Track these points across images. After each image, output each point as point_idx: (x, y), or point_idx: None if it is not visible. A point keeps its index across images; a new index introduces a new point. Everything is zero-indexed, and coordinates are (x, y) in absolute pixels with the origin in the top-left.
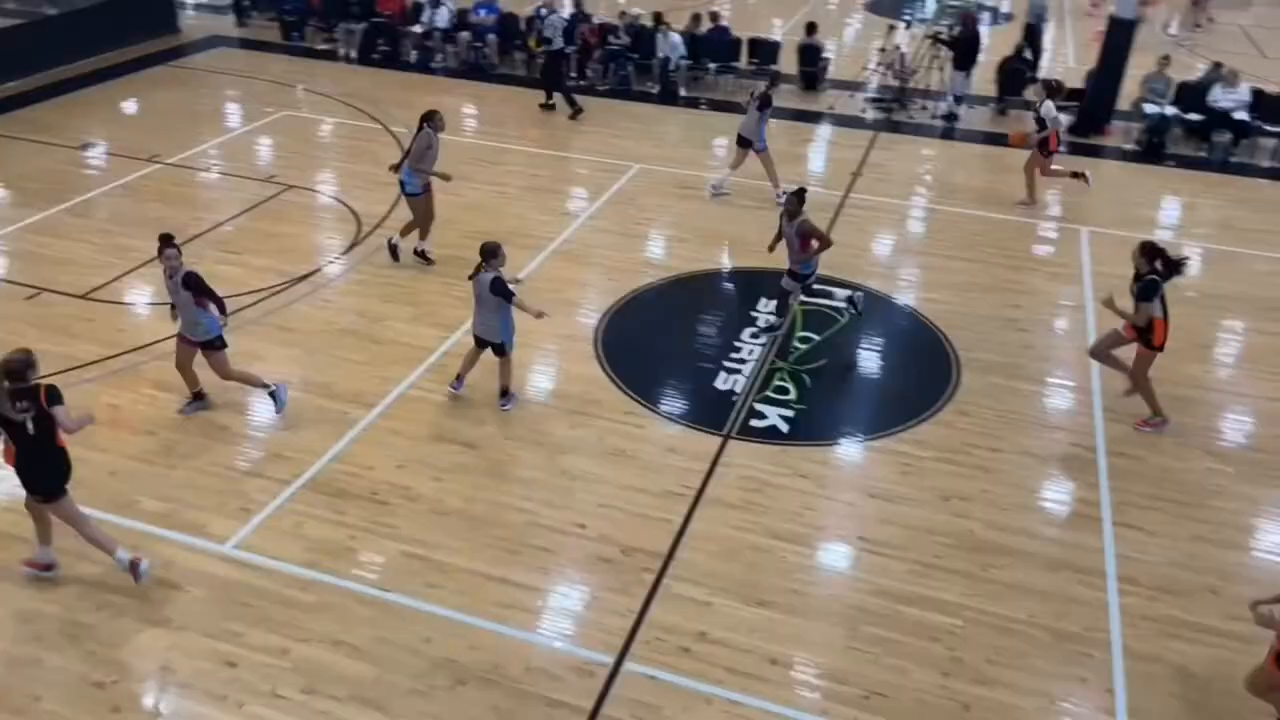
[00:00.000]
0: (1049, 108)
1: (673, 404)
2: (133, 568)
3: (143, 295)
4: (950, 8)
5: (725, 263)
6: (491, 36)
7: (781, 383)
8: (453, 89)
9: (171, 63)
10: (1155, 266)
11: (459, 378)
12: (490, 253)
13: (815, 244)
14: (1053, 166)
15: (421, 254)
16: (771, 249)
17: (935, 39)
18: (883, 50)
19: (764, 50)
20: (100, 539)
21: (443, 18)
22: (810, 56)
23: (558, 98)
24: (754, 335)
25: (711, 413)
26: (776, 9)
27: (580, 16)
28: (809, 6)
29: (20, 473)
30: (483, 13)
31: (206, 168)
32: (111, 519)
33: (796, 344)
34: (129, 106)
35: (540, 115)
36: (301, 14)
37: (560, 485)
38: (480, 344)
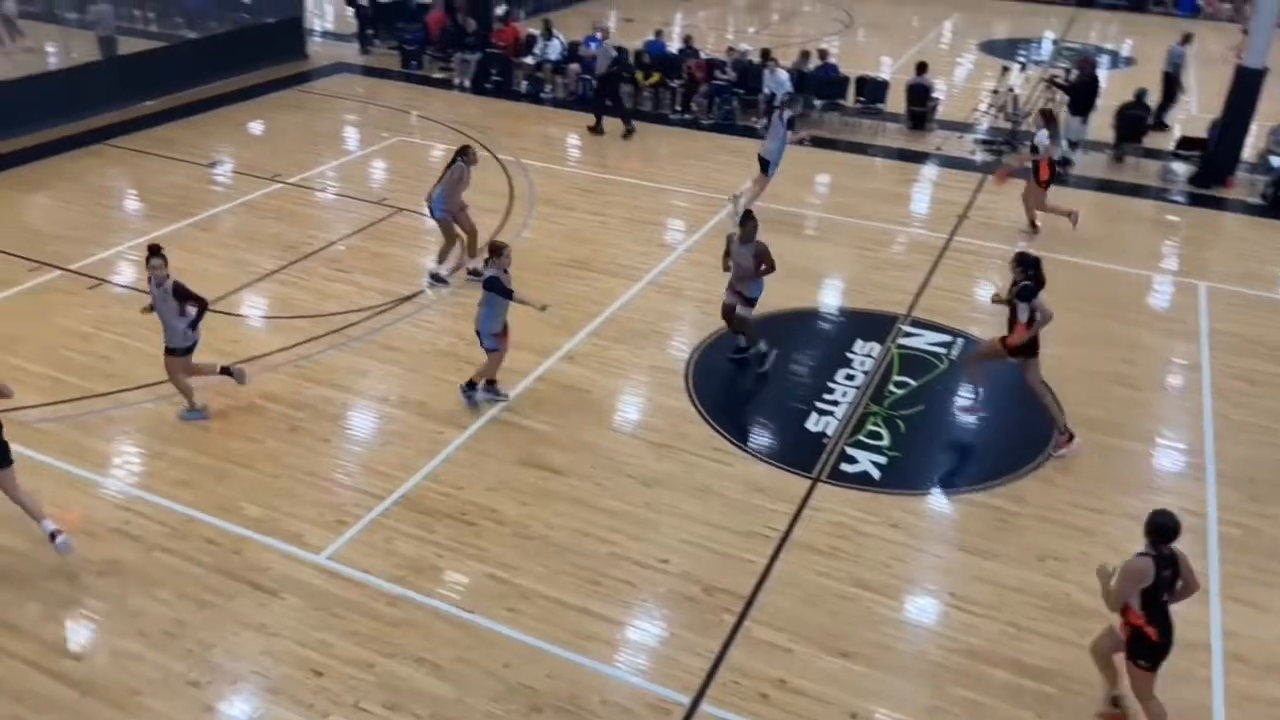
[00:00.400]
0: (1041, 136)
1: (762, 442)
2: (52, 538)
3: (257, 309)
4: (1067, 50)
5: (821, 301)
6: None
7: (875, 427)
8: (559, 119)
9: (297, 87)
10: (1028, 274)
11: (472, 383)
12: (495, 251)
13: (764, 267)
14: (1047, 200)
15: (436, 276)
16: (725, 268)
17: (1051, 82)
18: (995, 92)
19: (871, 88)
20: (31, 507)
21: (554, 50)
22: (919, 96)
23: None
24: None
25: (801, 454)
26: (886, 47)
27: (688, 51)
28: (919, 45)
29: None
30: (593, 46)
31: (323, 188)
32: (215, 522)
33: (892, 388)
34: (255, 127)
35: (642, 147)
36: (420, 44)
37: (644, 518)
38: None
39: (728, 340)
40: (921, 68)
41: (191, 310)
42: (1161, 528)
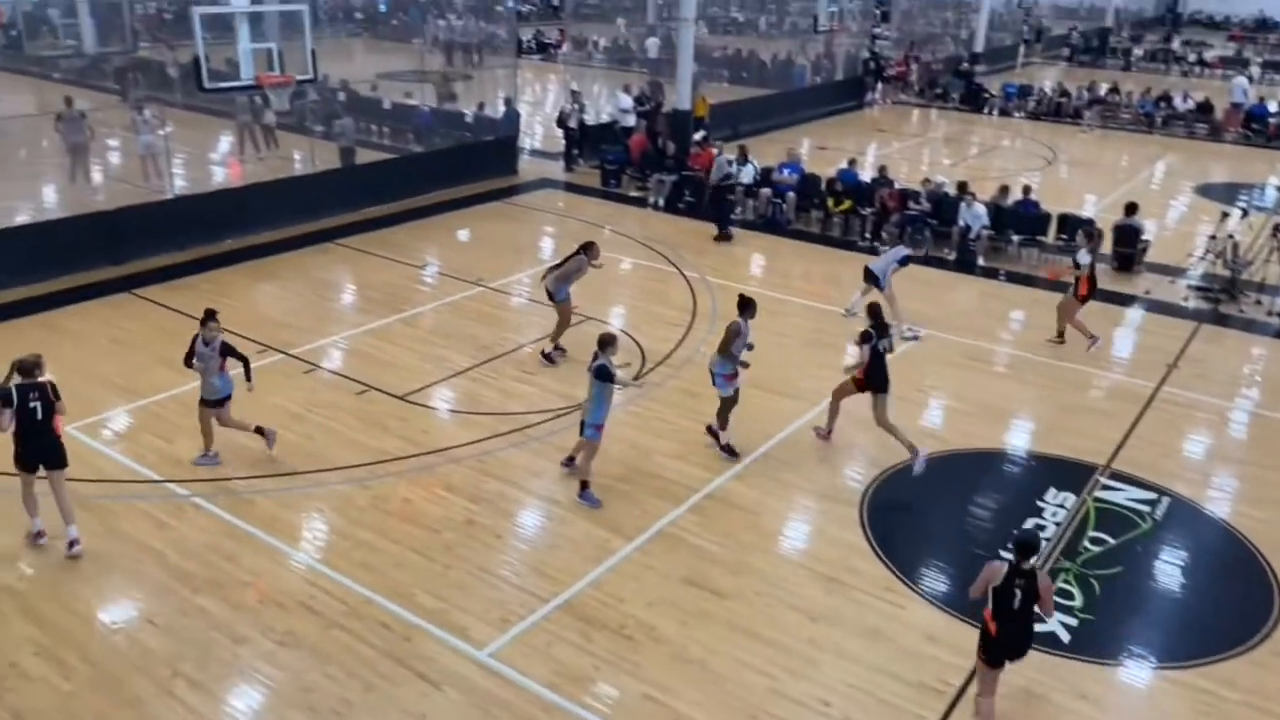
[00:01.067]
0: (1083, 254)
1: (938, 587)
2: (70, 545)
3: (446, 402)
4: None
5: (1010, 443)
6: (791, 194)
7: (1066, 585)
8: (748, 240)
9: (506, 199)
10: (872, 323)
11: (571, 459)
12: (605, 343)
13: (722, 342)
14: (1077, 316)
15: (548, 356)
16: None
17: (1277, 234)
18: (1213, 237)
19: (1074, 226)
20: (66, 509)
21: (748, 174)
22: (1128, 237)
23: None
24: None
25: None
26: (1092, 185)
27: (881, 180)
28: (1129, 185)
29: (27, 450)
30: (786, 172)
31: (519, 294)
32: (390, 606)
33: (1087, 544)
34: (463, 234)
35: (828, 271)
36: (621, 164)
37: (807, 655)
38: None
39: (906, 475)
40: (1131, 208)
41: (227, 368)
42: (1022, 543)
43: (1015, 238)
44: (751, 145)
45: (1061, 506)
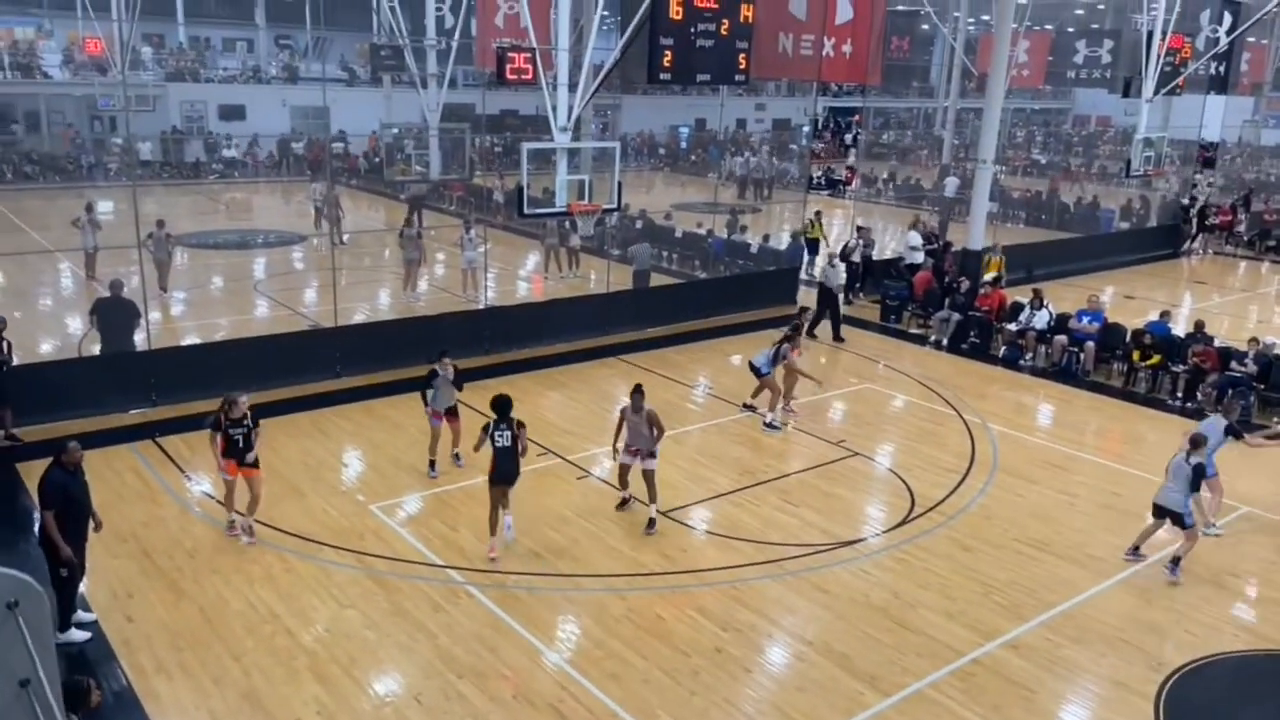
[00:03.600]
0: None
1: None
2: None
3: (705, 523)
4: None
5: None
6: (1090, 344)
7: None
8: (1037, 388)
9: (783, 327)
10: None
11: (1135, 548)
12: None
13: (658, 432)
14: None
15: (770, 425)
16: (615, 448)
17: None
18: None
19: None
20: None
21: (1040, 320)
22: None
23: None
24: None
25: None
26: None
27: (1198, 336)
28: None
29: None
30: (1086, 319)
31: (786, 423)
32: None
33: None
34: (736, 359)
35: (1128, 429)
36: (903, 300)
37: None
38: (1159, 512)
39: (1217, 671)
40: None
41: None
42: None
43: None
44: (1048, 290)
45: None
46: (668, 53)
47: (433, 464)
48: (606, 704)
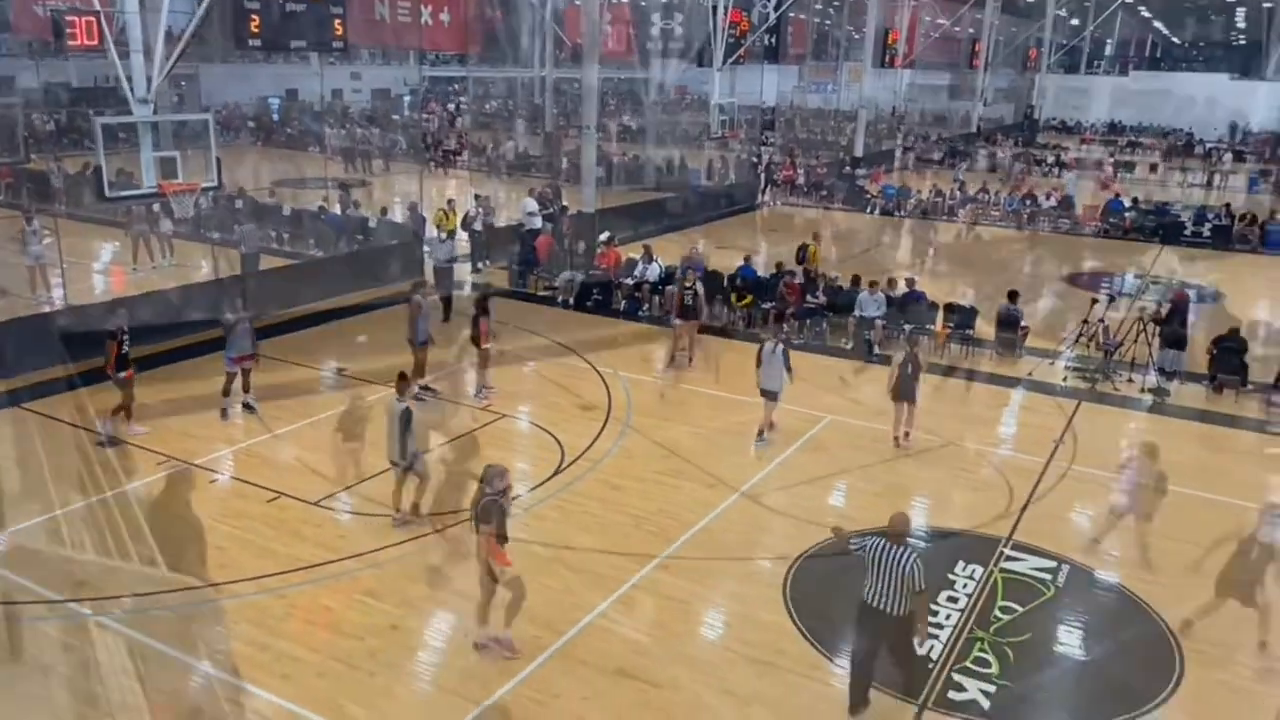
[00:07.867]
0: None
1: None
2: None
3: (360, 506)
4: (1154, 284)
5: (919, 522)
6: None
7: (982, 654)
8: (656, 335)
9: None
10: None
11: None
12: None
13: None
14: None
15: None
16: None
17: (1142, 318)
18: (1085, 322)
19: (960, 314)
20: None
21: (654, 272)
22: (1009, 323)
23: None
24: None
25: (906, 678)
26: (972, 279)
27: (783, 273)
28: (1005, 275)
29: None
30: (688, 271)
31: (423, 399)
32: (316, 718)
33: (998, 613)
34: (362, 339)
35: (739, 363)
36: (528, 264)
37: None
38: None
39: (826, 556)
40: (1012, 296)
41: None
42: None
43: (907, 327)
44: (655, 245)
45: (970, 579)
46: (254, 17)
47: None
48: (282, 705)
